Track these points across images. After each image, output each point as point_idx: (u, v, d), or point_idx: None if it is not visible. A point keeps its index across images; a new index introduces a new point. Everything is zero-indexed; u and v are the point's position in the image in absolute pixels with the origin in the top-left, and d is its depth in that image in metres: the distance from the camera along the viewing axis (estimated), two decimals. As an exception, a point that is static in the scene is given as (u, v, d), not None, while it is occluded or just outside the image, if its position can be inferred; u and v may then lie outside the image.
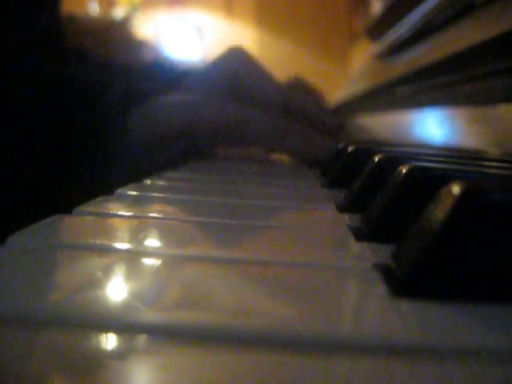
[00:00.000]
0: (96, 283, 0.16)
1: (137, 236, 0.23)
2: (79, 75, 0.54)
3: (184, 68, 0.66)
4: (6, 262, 0.18)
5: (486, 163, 0.35)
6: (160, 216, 0.27)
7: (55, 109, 0.51)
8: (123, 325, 0.13)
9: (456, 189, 0.17)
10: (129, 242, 0.22)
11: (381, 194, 0.26)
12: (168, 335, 0.13)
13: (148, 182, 0.38)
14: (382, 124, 0.87)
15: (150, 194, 0.33)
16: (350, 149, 0.42)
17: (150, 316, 0.14)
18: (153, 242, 0.22)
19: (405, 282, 0.17)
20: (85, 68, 0.56)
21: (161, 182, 0.39)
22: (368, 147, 0.42)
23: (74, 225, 0.24)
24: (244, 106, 0.56)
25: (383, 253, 0.20)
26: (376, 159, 0.31)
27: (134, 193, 0.33)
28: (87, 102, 0.52)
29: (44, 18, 0.58)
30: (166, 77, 0.64)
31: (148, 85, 0.57)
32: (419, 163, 0.26)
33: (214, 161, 0.61)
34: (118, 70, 0.58)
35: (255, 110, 0.56)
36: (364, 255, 0.21)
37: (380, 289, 0.17)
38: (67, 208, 0.26)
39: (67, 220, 0.24)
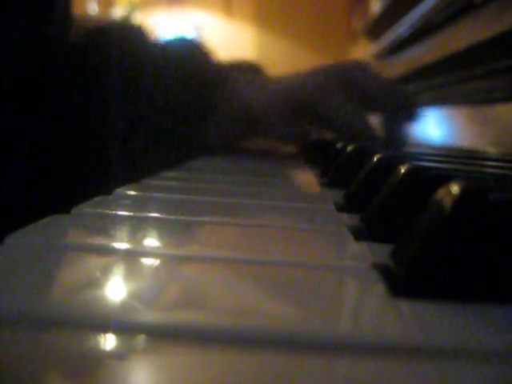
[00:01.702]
0: (95, 283, 0.16)
1: (136, 236, 0.23)
2: (79, 73, 0.54)
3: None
4: (4, 262, 0.18)
5: (486, 163, 0.35)
6: (159, 216, 0.27)
7: (54, 108, 0.51)
8: (122, 325, 0.13)
9: (455, 188, 0.17)
10: (128, 241, 0.22)
11: (380, 194, 0.26)
12: (167, 335, 0.13)
13: (147, 181, 0.38)
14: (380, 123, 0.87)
15: (148, 193, 0.33)
16: (349, 148, 0.42)
17: (149, 316, 0.14)
18: (152, 241, 0.22)
19: (404, 281, 0.17)
20: (85, 64, 0.56)
21: (159, 182, 0.39)
22: (367, 147, 0.42)
23: (73, 225, 0.24)
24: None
25: (382, 253, 0.20)
26: (375, 159, 0.31)
27: (133, 192, 0.33)
28: (86, 101, 0.52)
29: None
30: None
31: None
32: (418, 163, 0.26)
33: (213, 160, 0.61)
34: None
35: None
36: (363, 255, 0.21)
37: (379, 289, 0.17)
38: (65, 208, 0.26)
39: (65, 220, 0.24)
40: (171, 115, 0.61)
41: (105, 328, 0.13)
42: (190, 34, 2.89)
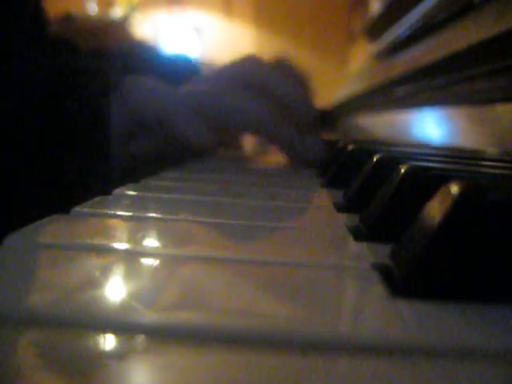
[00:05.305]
0: (94, 283, 0.16)
1: (135, 236, 0.23)
2: (76, 73, 0.54)
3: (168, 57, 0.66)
4: (3, 261, 0.18)
5: (485, 163, 0.35)
6: (158, 216, 0.27)
7: (50, 108, 0.51)
8: (121, 325, 0.13)
9: (455, 188, 0.17)
10: (127, 242, 0.22)
11: (379, 194, 0.26)
12: (166, 336, 0.13)
13: (146, 181, 0.38)
14: (380, 123, 0.87)
15: (148, 193, 0.33)
16: (348, 148, 0.42)
17: (149, 316, 0.14)
18: (151, 241, 0.22)
19: (403, 281, 0.17)
20: (78, 63, 0.56)
21: (159, 182, 0.39)
22: (367, 147, 0.42)
23: (72, 225, 0.24)
24: (239, 95, 0.56)
25: (382, 253, 0.20)
26: (374, 159, 0.31)
27: (132, 193, 0.33)
28: (84, 102, 0.52)
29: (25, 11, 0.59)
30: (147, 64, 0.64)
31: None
32: (418, 163, 0.26)
33: (213, 161, 0.61)
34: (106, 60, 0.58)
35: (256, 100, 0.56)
36: (362, 255, 0.21)
37: (378, 289, 0.17)
38: (65, 208, 0.26)
39: (65, 220, 0.24)
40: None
41: (104, 328, 0.13)
42: (189, 34, 2.90)
